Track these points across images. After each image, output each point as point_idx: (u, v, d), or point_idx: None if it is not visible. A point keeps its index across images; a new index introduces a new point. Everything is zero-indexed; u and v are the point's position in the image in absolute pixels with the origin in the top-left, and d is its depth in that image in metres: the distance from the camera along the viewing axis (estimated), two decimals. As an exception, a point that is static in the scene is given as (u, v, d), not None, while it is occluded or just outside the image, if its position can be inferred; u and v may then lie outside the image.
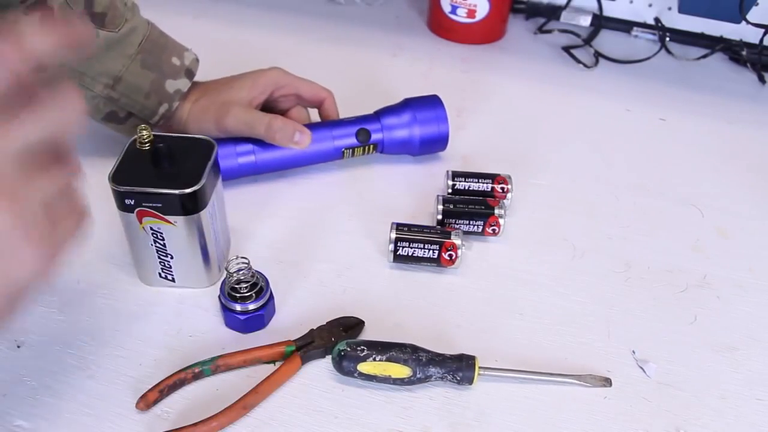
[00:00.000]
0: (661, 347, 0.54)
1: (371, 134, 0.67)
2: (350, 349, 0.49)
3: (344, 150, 0.67)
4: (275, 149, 0.65)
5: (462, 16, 0.93)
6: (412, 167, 0.71)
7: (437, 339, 0.52)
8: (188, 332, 0.53)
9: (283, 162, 0.67)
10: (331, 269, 0.59)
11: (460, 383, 0.49)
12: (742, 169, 0.74)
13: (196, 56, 0.67)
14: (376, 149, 0.68)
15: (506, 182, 0.64)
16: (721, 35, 0.95)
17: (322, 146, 0.66)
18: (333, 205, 0.66)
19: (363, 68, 0.89)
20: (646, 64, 0.92)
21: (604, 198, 0.69)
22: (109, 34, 0.60)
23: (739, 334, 0.55)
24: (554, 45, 0.96)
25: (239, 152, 0.65)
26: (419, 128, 0.68)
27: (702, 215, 0.68)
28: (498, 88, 0.87)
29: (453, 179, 0.65)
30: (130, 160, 0.52)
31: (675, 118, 0.82)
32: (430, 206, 0.65)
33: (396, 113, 0.68)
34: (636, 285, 0.59)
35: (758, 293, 0.59)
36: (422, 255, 0.58)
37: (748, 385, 0.51)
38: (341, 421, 0.48)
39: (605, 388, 0.51)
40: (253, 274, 0.53)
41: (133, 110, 0.64)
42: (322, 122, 0.69)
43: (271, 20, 0.99)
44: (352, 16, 1.01)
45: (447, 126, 0.69)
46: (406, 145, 0.69)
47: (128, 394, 0.48)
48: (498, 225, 0.61)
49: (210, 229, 0.53)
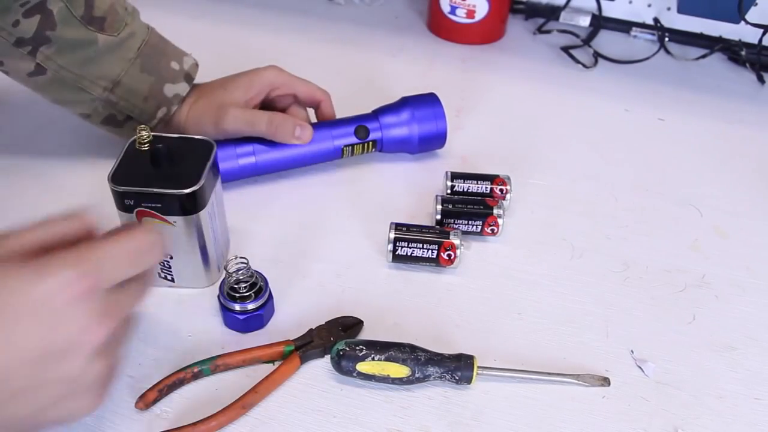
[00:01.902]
0: (660, 347, 0.54)
1: (370, 132, 0.67)
2: (349, 348, 0.49)
3: (344, 148, 0.67)
4: (275, 149, 0.65)
5: (461, 16, 0.93)
6: (410, 167, 0.72)
7: (436, 338, 0.52)
8: (187, 332, 0.53)
9: (284, 162, 0.67)
10: (330, 269, 0.59)
11: (459, 383, 0.49)
12: (741, 169, 0.74)
13: (195, 61, 0.67)
14: (375, 147, 0.69)
15: (505, 183, 0.64)
16: (720, 35, 0.95)
17: (321, 146, 0.67)
18: (332, 205, 0.66)
19: (362, 68, 0.89)
20: (645, 64, 0.92)
21: (603, 198, 0.69)
22: (109, 38, 0.60)
23: (737, 334, 0.55)
24: (553, 45, 0.96)
25: (239, 153, 0.65)
26: (417, 126, 0.68)
27: (701, 215, 0.68)
28: (497, 88, 0.87)
29: (452, 180, 0.65)
30: (130, 161, 0.52)
31: (674, 118, 0.82)
32: (429, 206, 0.65)
33: (394, 112, 0.68)
34: (634, 285, 0.59)
35: (757, 293, 0.59)
36: (421, 255, 0.58)
37: (746, 384, 0.52)
38: (340, 420, 0.48)
39: (604, 387, 0.51)
40: (252, 274, 0.53)
41: (131, 114, 0.64)
42: (320, 122, 0.69)
43: (271, 20, 0.99)
44: (352, 16, 1.01)
45: (445, 123, 0.69)
46: (404, 143, 0.69)
47: (127, 393, 0.48)
48: (497, 225, 0.61)
49: (209, 229, 0.53)
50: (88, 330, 0.36)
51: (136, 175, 0.50)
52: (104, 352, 0.38)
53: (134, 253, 0.39)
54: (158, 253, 0.41)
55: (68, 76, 0.60)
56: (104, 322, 0.37)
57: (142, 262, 0.40)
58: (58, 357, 0.36)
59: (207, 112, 0.64)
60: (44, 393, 0.36)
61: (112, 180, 0.50)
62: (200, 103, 0.65)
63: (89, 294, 0.36)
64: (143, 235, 0.40)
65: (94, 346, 0.37)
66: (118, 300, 0.39)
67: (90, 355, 0.37)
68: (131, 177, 0.50)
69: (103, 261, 0.37)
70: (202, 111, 0.65)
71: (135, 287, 0.40)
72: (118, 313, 0.39)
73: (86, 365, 0.37)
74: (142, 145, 0.52)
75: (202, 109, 0.65)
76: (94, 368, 0.37)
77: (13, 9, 0.56)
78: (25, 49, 0.58)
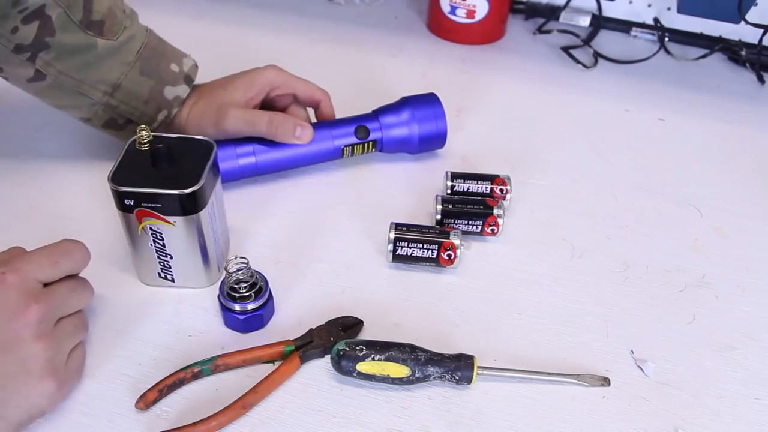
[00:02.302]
0: (660, 347, 0.54)
1: (370, 131, 0.67)
2: (349, 348, 0.49)
3: (344, 148, 0.67)
4: (276, 149, 0.66)
5: (461, 16, 0.93)
6: (410, 167, 0.72)
7: (436, 338, 0.52)
8: (188, 332, 0.53)
9: (284, 162, 0.67)
10: (330, 269, 0.59)
11: (459, 383, 0.49)
12: (741, 169, 0.74)
13: (195, 62, 0.67)
14: (375, 147, 0.69)
15: (505, 183, 0.64)
16: (720, 35, 0.95)
17: (321, 146, 0.67)
18: (332, 205, 0.66)
19: (362, 68, 0.89)
20: (645, 64, 0.92)
21: (603, 198, 0.69)
22: (108, 42, 0.60)
23: (737, 334, 0.55)
24: (553, 45, 0.96)
25: (239, 153, 0.65)
26: (418, 126, 0.68)
27: (701, 215, 0.68)
28: (497, 88, 0.87)
29: (452, 180, 0.65)
30: (130, 161, 0.52)
31: (674, 118, 0.82)
32: (429, 206, 0.65)
33: (394, 111, 0.68)
34: (634, 285, 0.59)
35: (757, 293, 0.59)
36: (421, 255, 0.58)
37: (746, 384, 0.52)
38: (340, 420, 0.48)
39: (604, 387, 0.51)
40: (252, 274, 0.53)
41: (132, 117, 0.64)
42: (321, 122, 0.69)
43: (271, 20, 0.99)
44: (352, 16, 1.01)
45: (445, 123, 0.69)
46: (404, 143, 0.69)
47: (127, 393, 0.48)
48: (497, 225, 0.61)
49: (209, 229, 0.53)
50: (17, 312, 0.42)
51: (136, 175, 0.50)
52: (48, 336, 0.44)
53: (56, 254, 0.46)
54: (79, 256, 0.48)
55: (68, 81, 0.60)
56: (32, 305, 0.43)
57: (64, 262, 0.47)
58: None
59: (207, 113, 0.64)
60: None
61: (113, 180, 0.50)
62: (200, 104, 0.65)
63: (16, 284, 0.43)
64: (66, 242, 0.48)
65: (30, 326, 0.43)
66: (51, 290, 0.45)
67: (27, 337, 0.43)
68: (131, 177, 0.50)
69: (27, 261, 0.45)
70: (202, 112, 0.65)
71: (70, 284, 0.47)
72: (50, 300, 0.45)
73: (26, 346, 0.43)
74: (142, 145, 0.52)
75: (203, 110, 0.65)
76: (34, 349, 0.43)
77: (12, 16, 0.56)
78: (24, 56, 0.58)
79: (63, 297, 0.46)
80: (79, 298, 0.48)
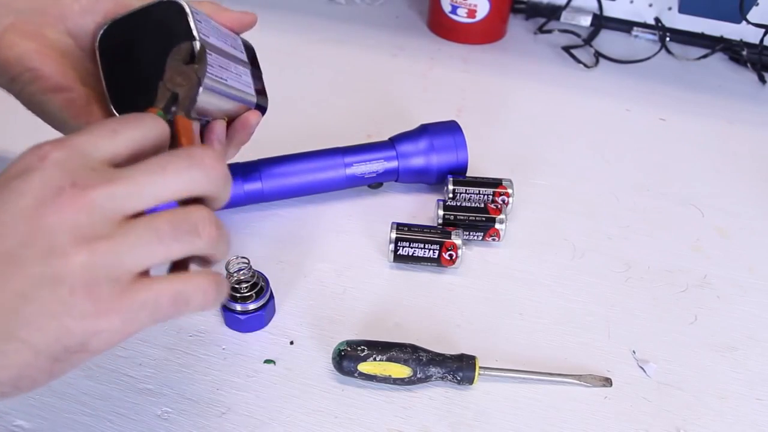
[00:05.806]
0: (662, 347, 0.54)
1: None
2: (350, 348, 0.48)
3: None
4: (282, 179, 0.63)
5: (462, 16, 0.93)
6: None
7: (437, 339, 0.52)
8: (188, 332, 0.53)
9: (292, 191, 0.64)
10: (331, 269, 0.59)
11: (461, 383, 0.49)
12: (743, 169, 0.74)
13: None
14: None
15: (507, 195, 0.63)
16: (721, 35, 0.95)
17: (335, 175, 0.64)
18: (333, 204, 0.66)
19: (363, 68, 0.89)
20: (647, 64, 0.92)
21: (604, 198, 0.69)
22: None
23: (739, 334, 0.55)
24: (554, 45, 0.96)
25: (246, 180, 0.62)
26: (437, 156, 0.64)
27: (702, 215, 0.68)
28: (498, 88, 0.87)
29: (453, 185, 0.63)
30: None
31: (675, 118, 0.82)
32: (431, 208, 0.65)
33: (412, 140, 0.65)
34: (636, 285, 0.59)
35: (758, 293, 0.59)
36: (422, 255, 0.58)
37: (748, 385, 0.51)
38: (341, 420, 0.48)
39: (605, 388, 0.51)
40: (253, 274, 0.53)
41: None
42: (333, 149, 0.65)
43: (271, 20, 0.99)
44: (352, 16, 1.01)
45: (466, 154, 0.65)
46: (422, 174, 0.65)
47: (128, 394, 0.48)
48: (498, 236, 0.60)
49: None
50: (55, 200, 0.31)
51: None
52: (98, 234, 0.31)
53: (113, 122, 0.34)
54: (151, 122, 0.35)
55: None
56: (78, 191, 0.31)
57: (125, 130, 0.34)
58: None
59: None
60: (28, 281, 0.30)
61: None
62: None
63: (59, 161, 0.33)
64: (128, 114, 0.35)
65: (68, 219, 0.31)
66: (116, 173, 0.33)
67: (64, 230, 0.31)
68: None
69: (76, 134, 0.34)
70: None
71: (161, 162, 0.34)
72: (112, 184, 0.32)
73: (61, 245, 0.31)
74: None
75: None
76: (71, 251, 0.30)
77: None
78: None
79: (139, 180, 0.32)
80: (177, 182, 0.33)
